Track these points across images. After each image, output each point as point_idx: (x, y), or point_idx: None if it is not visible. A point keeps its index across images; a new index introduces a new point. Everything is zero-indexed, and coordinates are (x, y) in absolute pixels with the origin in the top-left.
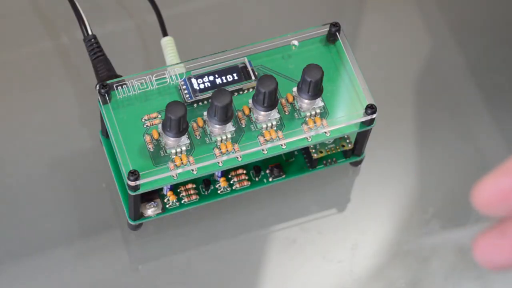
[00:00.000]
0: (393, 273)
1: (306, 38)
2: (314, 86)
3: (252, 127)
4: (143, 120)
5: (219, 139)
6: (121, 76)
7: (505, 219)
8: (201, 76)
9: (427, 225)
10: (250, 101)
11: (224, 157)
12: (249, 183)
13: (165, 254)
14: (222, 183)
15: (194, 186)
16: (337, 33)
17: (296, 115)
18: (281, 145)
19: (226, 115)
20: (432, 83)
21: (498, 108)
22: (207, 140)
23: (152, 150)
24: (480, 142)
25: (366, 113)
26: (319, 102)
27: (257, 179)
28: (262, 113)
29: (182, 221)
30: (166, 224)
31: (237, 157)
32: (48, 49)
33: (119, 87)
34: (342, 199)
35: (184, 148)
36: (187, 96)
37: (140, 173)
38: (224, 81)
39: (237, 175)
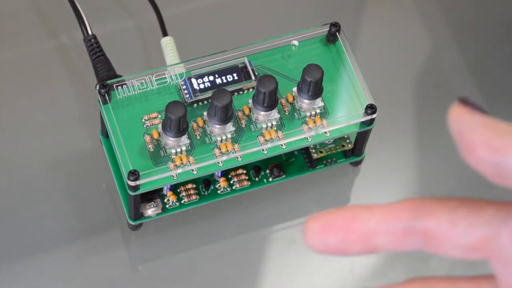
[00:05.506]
0: (393, 273)
1: (306, 38)
2: (314, 86)
3: (252, 127)
4: (143, 120)
5: (219, 139)
6: (121, 76)
7: None
8: (201, 76)
9: None
10: (250, 101)
11: (224, 157)
12: (249, 183)
13: (165, 254)
14: (222, 183)
15: (194, 186)
16: (337, 33)
17: (296, 115)
18: (281, 145)
19: (226, 115)
20: (432, 83)
21: (498, 108)
22: (207, 140)
23: (152, 150)
24: None
25: (366, 113)
26: (319, 102)
27: (257, 179)
28: (262, 113)
29: (182, 221)
30: (166, 224)
31: (237, 157)
32: (48, 49)
33: (119, 87)
34: (342, 199)
35: (184, 148)
36: (187, 96)
37: (140, 173)
38: (224, 81)
39: (237, 175)
